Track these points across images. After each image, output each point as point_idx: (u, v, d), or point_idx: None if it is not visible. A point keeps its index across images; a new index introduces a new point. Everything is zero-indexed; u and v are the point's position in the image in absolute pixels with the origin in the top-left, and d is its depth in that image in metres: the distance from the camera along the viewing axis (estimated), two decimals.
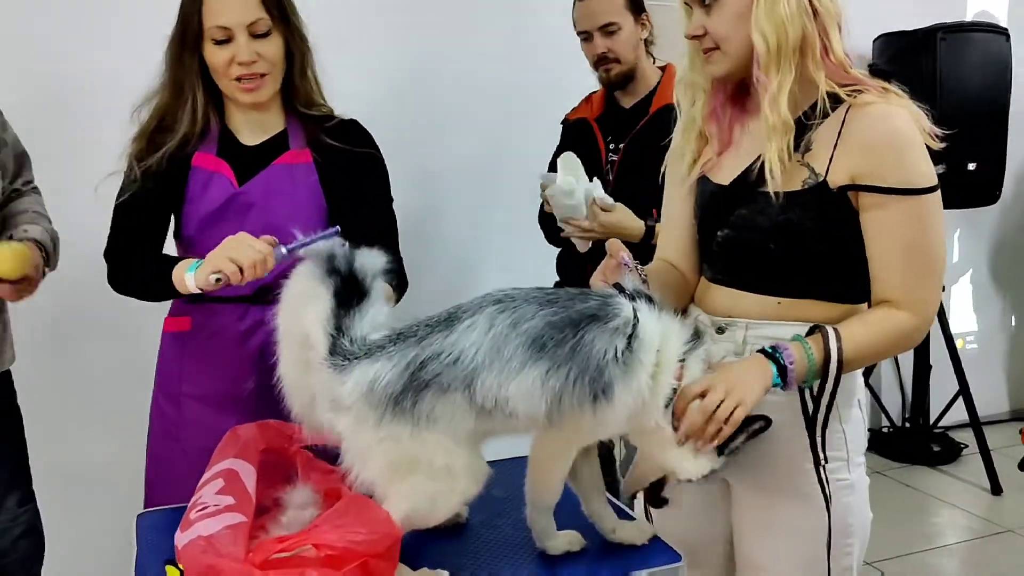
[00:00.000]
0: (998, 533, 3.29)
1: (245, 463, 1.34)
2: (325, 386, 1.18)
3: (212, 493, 1.24)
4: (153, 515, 1.52)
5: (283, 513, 1.31)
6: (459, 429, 1.16)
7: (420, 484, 1.16)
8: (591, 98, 2.42)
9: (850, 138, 1.28)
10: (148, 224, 1.69)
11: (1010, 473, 3.63)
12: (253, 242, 1.46)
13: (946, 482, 3.75)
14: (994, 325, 4.35)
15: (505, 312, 1.16)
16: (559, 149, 2.39)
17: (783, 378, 1.25)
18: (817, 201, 1.30)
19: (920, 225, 1.28)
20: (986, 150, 3.62)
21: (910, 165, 1.27)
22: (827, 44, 1.30)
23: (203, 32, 1.61)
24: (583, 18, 2.27)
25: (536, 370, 1.14)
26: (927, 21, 3.57)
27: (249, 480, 1.29)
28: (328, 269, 1.21)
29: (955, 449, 3.94)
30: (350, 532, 1.09)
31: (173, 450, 1.74)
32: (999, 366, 4.37)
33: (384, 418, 1.13)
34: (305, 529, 1.14)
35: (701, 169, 1.44)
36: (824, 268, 1.34)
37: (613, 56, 2.25)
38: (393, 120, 1.84)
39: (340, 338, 1.17)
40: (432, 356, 1.14)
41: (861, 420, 1.43)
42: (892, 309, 1.29)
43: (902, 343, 1.33)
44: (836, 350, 1.26)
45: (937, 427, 3.98)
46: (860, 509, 1.42)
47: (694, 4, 1.34)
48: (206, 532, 1.13)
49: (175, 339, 1.77)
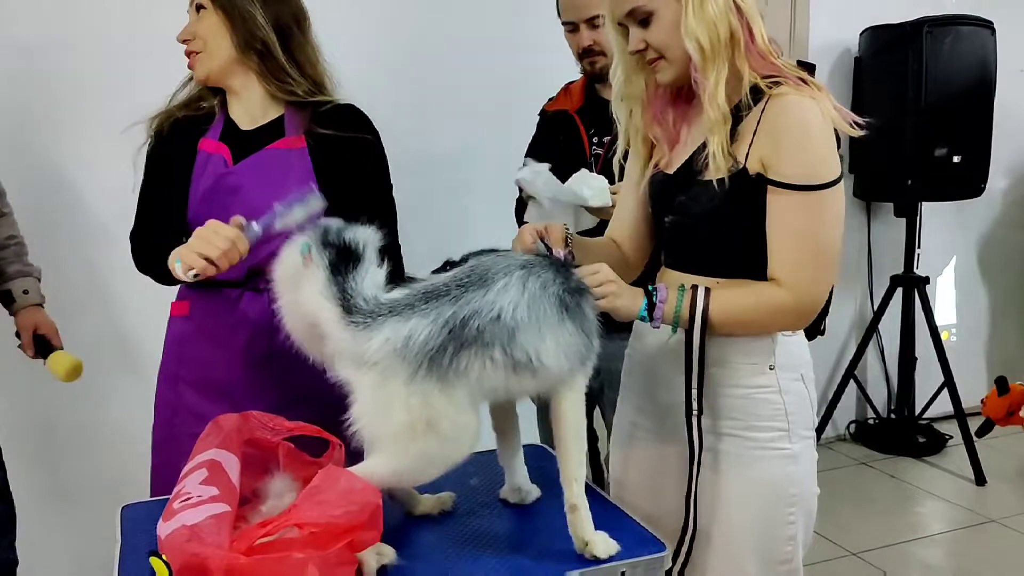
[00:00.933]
0: (982, 523, 3.32)
1: (228, 454, 1.33)
2: (346, 344, 1.19)
3: (196, 483, 1.23)
4: (137, 507, 1.51)
5: (263, 503, 1.31)
6: (485, 386, 1.22)
7: (428, 445, 1.19)
8: (570, 89, 2.37)
9: (764, 127, 1.35)
10: (164, 207, 1.71)
11: (994, 464, 3.67)
12: (219, 228, 1.46)
13: (931, 473, 3.78)
14: (979, 318, 4.37)
15: (532, 276, 1.25)
16: (536, 139, 2.38)
17: (650, 314, 1.39)
18: (739, 188, 1.37)
19: (811, 216, 1.35)
20: (971, 143, 3.64)
21: (809, 156, 1.34)
22: (751, 36, 1.37)
23: None
24: (569, 9, 2.23)
25: (567, 328, 1.26)
26: (913, 14, 3.58)
27: (233, 471, 1.29)
28: (321, 243, 1.22)
29: (940, 440, 3.97)
30: (331, 507, 1.10)
31: (170, 435, 1.75)
32: (984, 358, 4.40)
33: (418, 374, 1.16)
34: (285, 511, 1.14)
35: (654, 168, 1.54)
36: (751, 249, 1.40)
37: (599, 49, 2.20)
38: (374, 109, 1.83)
39: (352, 299, 1.19)
40: (472, 314, 1.19)
41: (806, 394, 1.49)
42: (775, 285, 1.38)
43: (779, 319, 1.41)
44: (702, 307, 1.38)
45: (922, 419, 4.01)
46: (803, 481, 1.47)
47: (629, 23, 1.43)
48: (190, 522, 1.13)
49: (177, 324, 1.79)
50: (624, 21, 1.43)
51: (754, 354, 1.46)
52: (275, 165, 1.69)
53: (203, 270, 1.44)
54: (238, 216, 1.50)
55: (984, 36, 3.62)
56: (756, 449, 1.45)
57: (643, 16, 1.39)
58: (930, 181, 3.61)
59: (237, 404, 1.53)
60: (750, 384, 1.46)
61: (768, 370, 1.46)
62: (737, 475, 1.46)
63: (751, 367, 1.46)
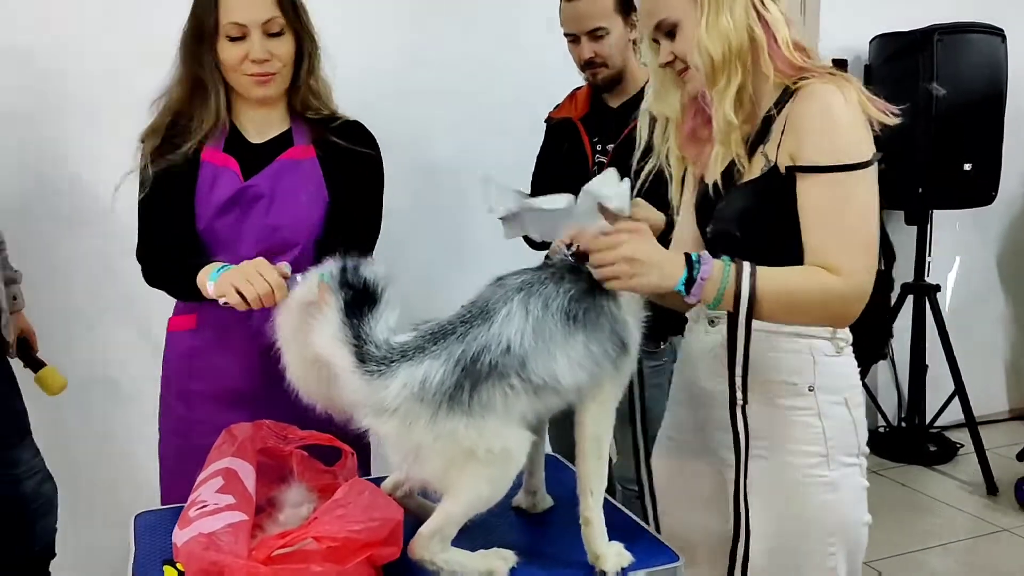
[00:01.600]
0: (994, 532, 3.30)
1: (244, 462, 1.34)
2: (363, 394, 1.19)
3: (211, 492, 1.24)
4: (150, 515, 1.52)
5: (280, 511, 1.31)
6: (512, 412, 1.22)
7: (479, 471, 1.20)
8: (575, 95, 2.34)
9: (790, 121, 1.33)
10: (172, 220, 1.70)
11: (1006, 473, 3.64)
12: (265, 271, 1.47)
13: (942, 482, 3.76)
14: (990, 326, 4.36)
15: (532, 297, 1.25)
16: (544, 148, 2.36)
17: (688, 288, 1.26)
18: (770, 187, 1.35)
19: (843, 197, 1.29)
20: (982, 151, 3.63)
21: (834, 138, 1.30)
22: (775, 42, 1.35)
23: (218, 28, 1.63)
24: (570, 20, 2.18)
25: (578, 340, 1.25)
26: (924, 22, 3.57)
27: (248, 479, 1.30)
28: (339, 282, 1.22)
29: (951, 449, 3.95)
30: (350, 521, 1.10)
31: (185, 448, 1.73)
32: (995, 366, 4.38)
33: (438, 415, 1.17)
34: (305, 523, 1.14)
35: (698, 183, 1.52)
36: (786, 251, 1.34)
37: (600, 60, 2.17)
38: (378, 119, 1.85)
39: (365, 346, 1.18)
40: (482, 349, 1.19)
41: (849, 419, 1.42)
42: (822, 269, 1.29)
43: (830, 305, 1.30)
44: (748, 285, 1.26)
45: (933, 427, 3.99)
46: (843, 510, 1.41)
47: (659, 37, 1.42)
48: (207, 530, 1.13)
49: (182, 337, 1.78)
50: (655, 36, 1.43)
51: (793, 373, 1.39)
52: (290, 174, 1.72)
53: (236, 304, 1.47)
54: (284, 264, 1.51)
55: (995, 44, 3.61)
56: (791, 474, 1.38)
57: (669, 28, 1.39)
58: (941, 189, 3.60)
59: (257, 413, 1.53)
60: (786, 404, 1.39)
61: (807, 391, 1.39)
62: (768, 500, 1.38)
63: (789, 387, 1.39)
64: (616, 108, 2.26)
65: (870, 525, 1.45)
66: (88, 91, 2.58)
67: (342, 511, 1.12)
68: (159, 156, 1.69)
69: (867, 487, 1.44)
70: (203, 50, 1.66)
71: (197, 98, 1.69)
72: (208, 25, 1.64)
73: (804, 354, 1.39)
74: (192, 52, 1.67)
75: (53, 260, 2.59)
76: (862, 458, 1.44)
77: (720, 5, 1.33)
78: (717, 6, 1.33)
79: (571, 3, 2.16)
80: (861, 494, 1.43)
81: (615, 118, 2.23)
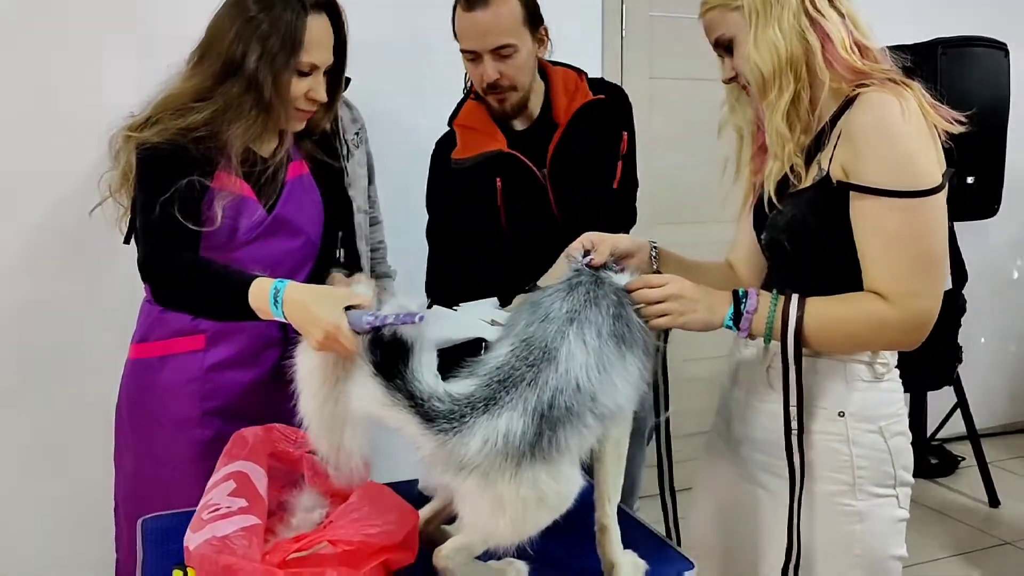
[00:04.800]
0: (996, 546, 3.29)
1: (255, 466, 1.33)
2: (438, 452, 1.14)
3: (224, 495, 1.23)
4: (158, 520, 1.50)
5: (292, 516, 1.30)
6: (583, 450, 1.20)
7: (543, 517, 1.17)
8: (476, 128, 1.96)
9: (845, 131, 1.28)
10: (188, 234, 1.56)
11: (1008, 485, 3.64)
12: (345, 338, 1.22)
13: (944, 495, 3.74)
14: (991, 338, 4.35)
15: (585, 327, 1.22)
16: (453, 193, 1.97)
17: (736, 323, 1.30)
18: (820, 197, 1.30)
19: (906, 222, 1.24)
20: (985, 164, 3.64)
21: (892, 156, 1.23)
22: (832, 44, 1.30)
23: (294, 63, 1.60)
24: (470, 35, 1.83)
25: (630, 362, 1.24)
26: (927, 35, 3.59)
27: (260, 483, 1.29)
28: (370, 342, 1.18)
29: (953, 462, 3.94)
30: (366, 525, 1.09)
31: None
32: (997, 379, 4.38)
33: (522, 465, 1.13)
34: (320, 526, 1.13)
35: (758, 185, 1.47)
36: (836, 266, 1.32)
37: (508, 83, 1.85)
38: None
39: (426, 403, 1.13)
40: (555, 392, 1.16)
41: (884, 448, 1.35)
42: (875, 297, 1.26)
43: (884, 334, 1.28)
44: (795, 317, 1.27)
45: (935, 439, 3.98)
46: (869, 542, 1.36)
47: (721, 53, 1.41)
48: (220, 533, 1.12)
49: (194, 359, 1.71)
50: (717, 52, 1.42)
51: (823, 396, 1.35)
52: (300, 194, 1.75)
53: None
54: (362, 307, 1.27)
55: (998, 57, 3.63)
56: (815, 500, 1.34)
57: (726, 43, 1.38)
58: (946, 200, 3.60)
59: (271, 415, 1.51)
60: (815, 428, 1.34)
61: (837, 416, 1.34)
62: (784, 521, 1.35)
63: (819, 410, 1.34)
64: (525, 130, 1.97)
65: (904, 559, 1.40)
66: None
67: (357, 514, 1.11)
68: (172, 167, 1.55)
69: (905, 519, 1.39)
70: (264, 77, 1.58)
71: (230, 117, 1.59)
72: (281, 60, 1.58)
73: (837, 378, 1.35)
74: (253, 77, 1.58)
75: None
76: (902, 488, 1.38)
77: (768, 17, 1.30)
78: (765, 19, 1.30)
79: (470, 13, 1.81)
80: (894, 527, 1.38)
81: (530, 139, 1.94)
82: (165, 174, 1.55)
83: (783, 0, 1.30)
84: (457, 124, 2.00)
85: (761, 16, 1.30)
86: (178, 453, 1.70)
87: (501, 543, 1.18)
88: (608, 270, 1.35)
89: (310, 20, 1.59)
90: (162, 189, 1.53)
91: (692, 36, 1.53)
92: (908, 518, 1.39)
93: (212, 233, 1.60)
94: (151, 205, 1.53)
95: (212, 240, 1.61)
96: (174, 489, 1.65)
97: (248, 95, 1.59)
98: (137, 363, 1.75)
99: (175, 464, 1.70)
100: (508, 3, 1.81)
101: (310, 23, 1.59)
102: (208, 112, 1.58)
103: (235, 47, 1.58)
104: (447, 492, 1.22)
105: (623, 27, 3.26)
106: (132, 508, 1.70)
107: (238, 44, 1.58)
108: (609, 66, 3.23)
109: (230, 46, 1.58)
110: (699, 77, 3.69)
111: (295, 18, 1.58)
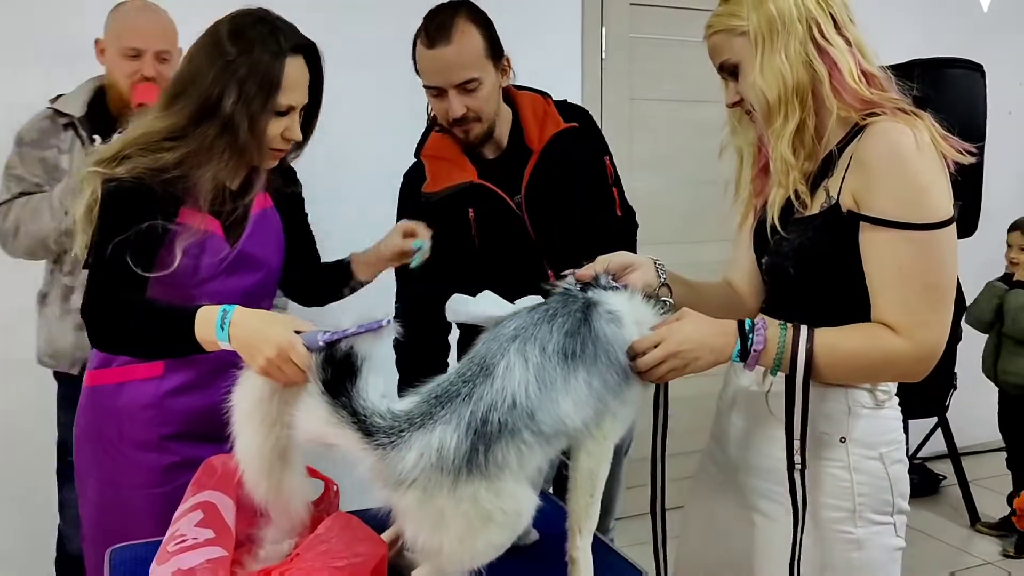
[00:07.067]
0: (978, 566, 3.29)
1: (223, 496, 1.31)
2: (378, 469, 1.14)
3: (191, 525, 1.21)
4: (126, 550, 1.48)
5: (260, 547, 1.28)
6: (527, 468, 1.18)
7: (492, 536, 1.16)
8: (444, 158, 1.95)
9: (856, 159, 1.27)
10: (135, 279, 1.53)
11: (989, 505, 3.64)
12: (297, 357, 1.24)
13: (925, 514, 3.75)
14: (971, 359, 4.37)
15: (528, 342, 1.21)
16: (443, 231, 1.85)
17: (743, 359, 1.28)
18: (829, 224, 1.30)
19: (917, 255, 1.23)
20: (963, 184, 3.64)
21: (905, 188, 1.23)
22: (840, 73, 1.30)
23: (271, 105, 1.57)
24: (434, 71, 1.83)
25: (579, 379, 1.22)
26: (903, 56, 3.62)
27: (228, 513, 1.27)
28: (322, 360, 1.18)
29: (934, 481, 3.96)
30: (334, 557, 1.08)
31: (175, 491, 1.56)
32: (978, 398, 4.39)
33: (459, 480, 1.12)
34: (287, 559, 1.11)
35: (758, 210, 1.48)
36: (842, 294, 1.31)
37: (473, 116, 1.86)
38: None
39: (368, 419, 1.14)
40: (489, 408, 1.15)
41: (884, 476, 1.34)
42: (885, 329, 1.25)
43: (893, 365, 1.27)
44: (805, 349, 1.25)
45: (916, 458, 3.99)
46: (868, 570, 1.34)
47: (724, 76, 1.41)
48: (185, 566, 1.10)
49: (144, 387, 1.68)
50: (722, 75, 1.41)
51: (825, 423, 1.33)
52: (264, 227, 1.75)
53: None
54: (309, 330, 1.28)
55: (974, 79, 3.66)
56: (815, 527, 1.32)
57: (731, 68, 1.37)
58: None
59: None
60: (815, 454, 1.32)
61: (839, 442, 1.33)
62: (784, 548, 1.32)
63: (820, 436, 1.33)
64: (496, 159, 1.98)
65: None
66: None
67: (325, 546, 1.09)
68: (134, 208, 1.52)
69: (902, 547, 1.38)
70: (241, 120, 1.55)
71: (203, 159, 1.56)
72: (258, 103, 1.55)
73: (840, 405, 1.34)
74: (229, 120, 1.55)
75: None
76: (899, 516, 1.37)
77: (774, 44, 1.29)
78: (771, 46, 1.29)
79: (433, 50, 1.81)
80: (892, 555, 1.36)
81: (502, 168, 1.95)
82: (126, 214, 1.52)
83: (790, 27, 1.29)
84: (425, 155, 1.98)
85: (767, 43, 1.30)
86: (137, 477, 1.68)
87: (455, 563, 1.17)
88: (598, 286, 1.35)
89: (288, 62, 1.56)
90: (120, 229, 1.50)
91: (673, 57, 1.54)
92: (904, 547, 1.38)
93: (171, 272, 1.58)
94: (104, 244, 1.50)
95: (171, 278, 1.58)
96: (138, 515, 1.65)
97: (223, 137, 1.56)
98: (94, 390, 1.73)
99: (135, 488, 1.68)
100: (470, 38, 1.81)
101: (288, 65, 1.56)
102: (180, 152, 1.55)
103: (212, 89, 1.54)
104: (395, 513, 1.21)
105: (603, 48, 3.27)
106: (99, 535, 1.68)
107: (215, 86, 1.54)
108: (589, 87, 3.24)
109: (207, 88, 1.55)
110: (680, 99, 3.80)
111: (273, 61, 1.55)
